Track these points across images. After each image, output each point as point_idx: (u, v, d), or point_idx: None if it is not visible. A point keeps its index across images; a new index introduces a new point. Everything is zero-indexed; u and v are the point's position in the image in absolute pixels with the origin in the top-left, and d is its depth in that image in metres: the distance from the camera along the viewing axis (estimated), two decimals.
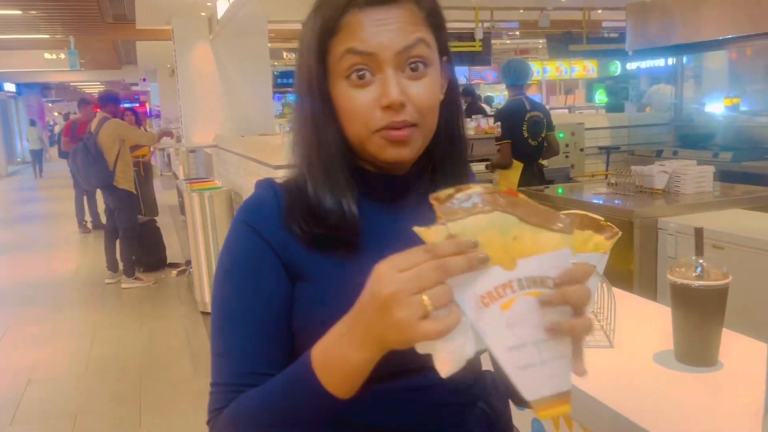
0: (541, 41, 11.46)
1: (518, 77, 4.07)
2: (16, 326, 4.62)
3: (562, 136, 4.69)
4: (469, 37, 7.46)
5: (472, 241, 0.54)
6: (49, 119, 22.35)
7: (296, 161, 0.78)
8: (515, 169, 4.03)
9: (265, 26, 6.91)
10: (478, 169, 4.97)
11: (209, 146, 6.67)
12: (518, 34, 11.41)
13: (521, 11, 8.16)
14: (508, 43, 12.71)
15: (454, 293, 0.54)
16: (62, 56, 10.71)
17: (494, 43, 9.52)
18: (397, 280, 0.54)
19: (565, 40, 8.04)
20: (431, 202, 0.57)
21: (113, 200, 5.31)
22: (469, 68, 13.00)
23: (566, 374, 0.57)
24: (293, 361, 0.66)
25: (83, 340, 4.22)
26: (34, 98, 22.62)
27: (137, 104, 21.73)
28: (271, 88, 7.37)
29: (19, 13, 8.02)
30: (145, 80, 16.75)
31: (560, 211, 1.15)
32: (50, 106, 24.96)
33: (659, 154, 5.32)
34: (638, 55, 5.64)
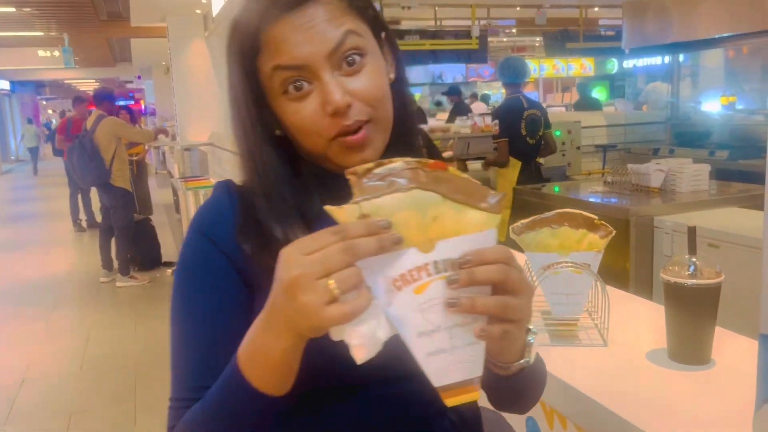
0: (537, 39, 11.45)
1: (516, 75, 4.07)
2: (10, 325, 4.60)
3: (558, 134, 4.69)
4: (465, 34, 7.45)
5: (384, 220, 0.52)
6: (43, 117, 22.27)
7: (244, 175, 0.74)
8: (513, 167, 4.03)
9: None
10: (474, 167, 4.97)
11: (204, 144, 6.65)
12: (515, 31, 11.41)
13: (518, 9, 8.17)
14: (504, 40, 12.70)
15: (364, 276, 0.52)
16: (56, 54, 10.67)
17: (491, 40, 9.50)
18: (301, 263, 0.52)
19: (561, 37, 8.03)
20: (348, 176, 0.54)
21: (109, 198, 5.29)
22: (465, 65, 13.01)
23: (477, 361, 0.55)
24: None
25: (78, 339, 4.20)
26: (28, 96, 22.55)
27: (132, 102, 21.67)
28: None
29: (13, 10, 7.98)
30: (140, 78, 16.70)
31: (556, 210, 1.15)
32: (44, 103, 24.88)
33: (656, 152, 5.32)
34: (635, 53, 5.63)
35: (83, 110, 7.03)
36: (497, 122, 4.04)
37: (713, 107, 6.02)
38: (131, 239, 5.39)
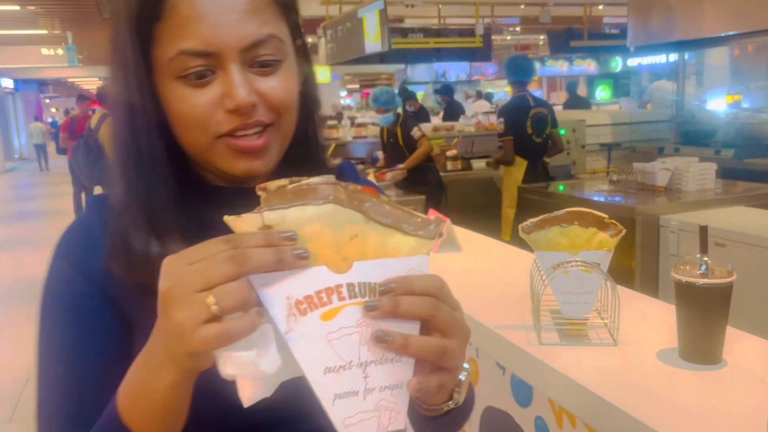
0: (541, 37, 11.43)
1: (522, 74, 4.06)
2: (15, 324, 4.61)
3: (563, 132, 4.68)
4: (469, 32, 7.45)
5: (289, 231, 0.43)
6: (46, 115, 22.35)
7: (115, 182, 0.62)
8: (519, 166, 4.02)
9: None
10: (479, 165, 4.96)
11: None
12: (519, 29, 11.39)
13: (522, 7, 8.16)
14: (508, 38, 12.70)
15: (260, 294, 0.43)
16: (60, 52, 10.68)
17: (495, 38, 9.50)
18: (179, 273, 0.43)
19: (566, 36, 8.03)
20: (258, 193, 0.46)
21: None
22: (469, 64, 13.01)
23: (400, 409, 0.46)
24: None
25: None
26: (31, 94, 22.60)
27: None
28: None
29: (17, 8, 8.00)
30: None
31: (562, 209, 1.15)
32: (48, 102, 24.94)
33: (661, 151, 5.31)
34: (639, 51, 5.62)
35: (86, 108, 7.04)
36: (502, 120, 4.03)
37: (719, 106, 6.00)
38: None
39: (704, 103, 6.20)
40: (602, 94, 13.31)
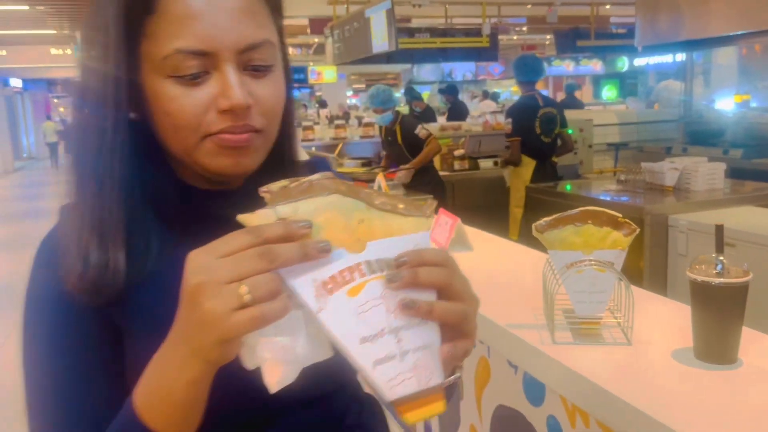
0: (548, 37, 11.41)
1: (532, 73, 4.05)
2: None
3: (570, 132, 4.67)
4: (476, 32, 7.44)
5: (305, 221, 0.46)
6: (55, 115, 22.47)
7: (68, 188, 0.62)
8: (527, 166, 4.02)
9: None
10: (486, 165, 4.96)
11: None
12: (526, 29, 11.37)
13: (529, 6, 8.15)
14: (515, 38, 12.67)
15: (287, 280, 0.46)
16: (69, 51, 10.74)
17: (501, 38, 9.49)
18: (209, 267, 0.45)
19: (572, 35, 8.01)
20: (262, 195, 0.48)
21: None
22: (475, 63, 12.99)
23: (435, 366, 0.49)
24: None
25: None
26: (40, 94, 22.71)
27: None
28: None
29: (26, 8, 8.04)
30: None
31: (570, 209, 1.15)
32: (56, 101, 25.06)
33: (668, 150, 5.29)
34: (647, 50, 5.60)
35: None
36: (510, 121, 4.03)
37: (727, 105, 5.98)
38: None
39: (712, 102, 6.18)
40: (608, 94, 13.27)
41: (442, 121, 7.27)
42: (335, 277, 0.47)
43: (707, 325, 1.00)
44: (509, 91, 14.98)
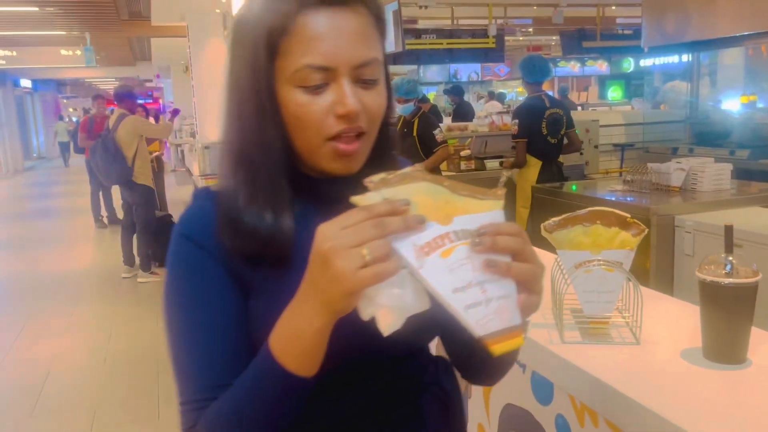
0: (554, 38, 11.38)
1: (540, 74, 4.05)
2: (35, 319, 4.68)
3: (576, 132, 4.67)
4: (482, 33, 7.45)
5: (404, 200, 0.58)
6: (64, 115, 22.57)
7: (227, 170, 0.74)
8: (533, 166, 4.02)
9: None
10: (492, 165, 4.96)
11: None
12: (532, 30, 11.35)
13: (535, 8, 8.13)
14: (521, 39, 12.64)
15: (394, 246, 0.58)
16: (78, 53, 10.80)
17: (507, 39, 9.48)
18: (338, 235, 0.57)
19: (578, 36, 8.00)
20: (366, 185, 0.60)
21: (132, 196, 5.36)
22: (480, 64, 12.97)
23: (514, 310, 0.60)
24: None
25: (101, 333, 4.27)
26: (50, 94, 22.83)
27: (151, 100, 21.85)
28: None
29: (36, 9, 8.10)
30: (159, 77, 16.83)
31: (576, 209, 1.16)
32: (65, 102, 25.17)
33: (675, 151, 5.28)
34: (653, 51, 5.59)
35: (102, 108, 7.13)
36: (517, 122, 4.03)
37: (733, 106, 5.96)
38: (153, 236, 5.46)
39: (719, 103, 6.16)
40: (614, 94, 13.23)
41: (447, 121, 7.28)
42: (430, 243, 0.58)
43: (716, 325, 1.01)
44: (515, 91, 14.94)
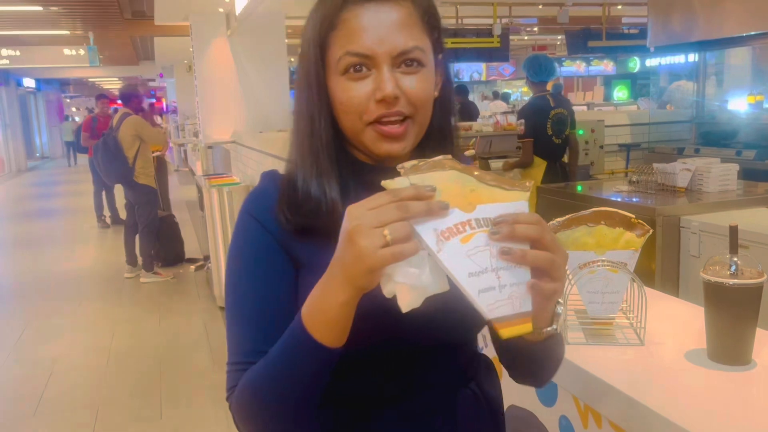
0: (559, 37, 11.36)
1: (545, 74, 4.04)
2: (37, 319, 4.69)
3: (581, 133, 4.66)
4: (487, 32, 7.43)
5: (429, 185, 0.61)
6: (69, 115, 22.65)
7: (291, 154, 0.82)
8: (538, 166, 4.01)
9: (282, 22, 6.93)
10: (496, 165, 4.95)
11: (227, 142, 6.71)
12: (537, 30, 11.33)
13: (540, 7, 8.10)
14: (526, 38, 12.61)
15: (416, 229, 0.60)
16: (81, 52, 10.81)
17: (512, 38, 9.45)
18: (362, 215, 0.61)
19: (584, 36, 7.97)
20: (398, 169, 0.63)
21: (134, 195, 5.37)
22: (485, 64, 12.95)
23: (525, 297, 0.62)
24: None
25: (104, 333, 4.28)
26: (53, 94, 22.90)
27: (154, 100, 21.90)
28: (288, 84, 7.40)
29: (39, 8, 8.11)
30: (162, 76, 16.87)
31: (581, 210, 1.15)
32: (68, 101, 25.25)
33: (680, 151, 5.25)
34: (659, 51, 5.56)
35: (105, 107, 7.13)
36: (523, 122, 4.01)
37: (740, 106, 5.92)
38: (155, 236, 5.46)
39: (725, 103, 6.12)
40: (620, 94, 13.19)
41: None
42: (451, 228, 0.61)
43: (721, 326, 1.00)
44: (519, 91, 14.92)
